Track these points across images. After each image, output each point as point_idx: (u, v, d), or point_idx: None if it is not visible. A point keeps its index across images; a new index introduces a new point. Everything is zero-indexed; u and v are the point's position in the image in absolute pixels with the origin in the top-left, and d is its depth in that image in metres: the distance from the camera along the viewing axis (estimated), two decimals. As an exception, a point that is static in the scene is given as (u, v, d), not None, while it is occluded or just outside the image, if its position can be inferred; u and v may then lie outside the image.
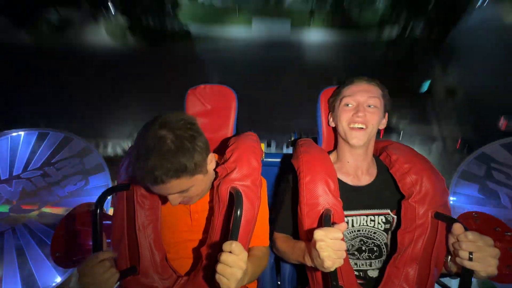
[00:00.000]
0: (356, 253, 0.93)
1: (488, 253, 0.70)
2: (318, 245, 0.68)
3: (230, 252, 0.66)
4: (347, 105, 0.96)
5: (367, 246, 0.93)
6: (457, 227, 0.74)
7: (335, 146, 1.08)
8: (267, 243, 0.96)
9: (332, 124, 1.05)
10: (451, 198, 1.39)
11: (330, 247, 0.67)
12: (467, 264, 0.71)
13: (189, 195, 0.81)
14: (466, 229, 0.74)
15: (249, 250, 0.87)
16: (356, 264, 0.93)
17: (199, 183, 0.81)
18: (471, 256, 0.70)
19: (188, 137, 0.75)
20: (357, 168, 0.98)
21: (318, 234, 0.68)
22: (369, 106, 0.94)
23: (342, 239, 0.70)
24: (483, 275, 0.71)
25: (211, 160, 0.84)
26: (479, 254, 0.70)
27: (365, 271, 0.92)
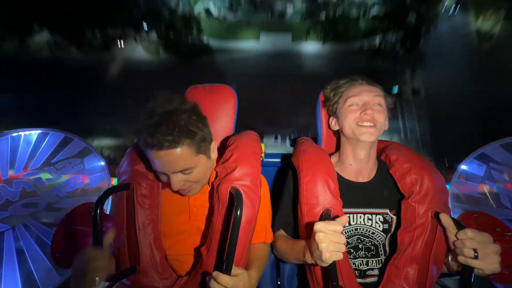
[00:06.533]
0: (352, 250, 0.93)
1: (491, 250, 0.70)
2: (317, 236, 0.69)
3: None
4: (353, 105, 0.94)
5: (364, 245, 0.93)
6: (443, 217, 0.77)
7: (337, 149, 1.07)
8: (269, 239, 0.96)
9: (335, 128, 1.02)
10: (452, 188, 1.39)
11: (329, 238, 0.68)
12: (472, 263, 0.70)
13: (191, 178, 0.80)
14: (452, 218, 0.76)
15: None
16: (354, 263, 0.93)
17: (202, 165, 0.82)
18: (476, 254, 0.70)
19: (196, 112, 0.76)
20: (358, 172, 0.98)
21: (318, 225, 0.70)
22: (375, 104, 0.93)
23: (342, 233, 0.70)
24: (488, 273, 0.71)
25: (214, 148, 0.86)
26: (482, 252, 0.70)
27: (363, 271, 0.92)
